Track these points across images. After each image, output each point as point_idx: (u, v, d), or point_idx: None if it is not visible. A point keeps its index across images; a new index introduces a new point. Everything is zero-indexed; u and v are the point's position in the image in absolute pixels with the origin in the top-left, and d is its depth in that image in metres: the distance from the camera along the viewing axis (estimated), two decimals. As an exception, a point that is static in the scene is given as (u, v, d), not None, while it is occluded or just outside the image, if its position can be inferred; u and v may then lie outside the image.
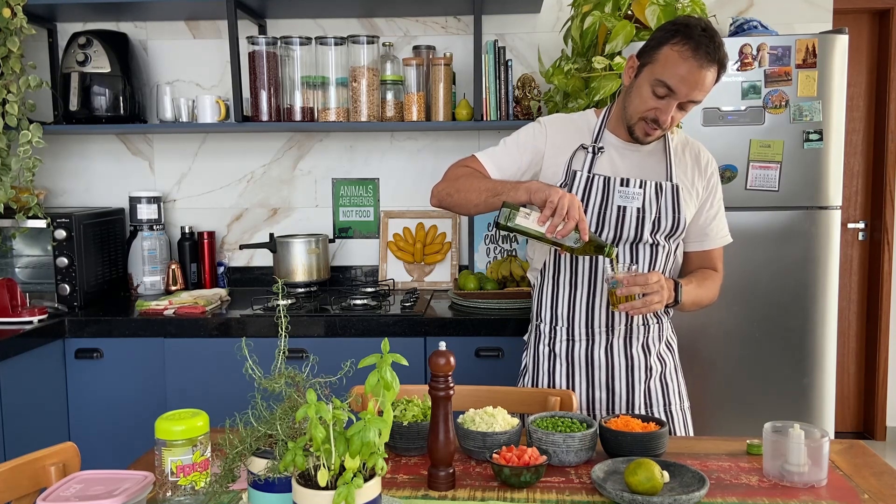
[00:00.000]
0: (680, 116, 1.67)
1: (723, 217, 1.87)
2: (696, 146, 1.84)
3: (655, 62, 1.62)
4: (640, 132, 1.70)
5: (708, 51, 1.57)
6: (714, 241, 1.86)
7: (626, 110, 1.71)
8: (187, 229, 3.02)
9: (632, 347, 1.78)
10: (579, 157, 1.76)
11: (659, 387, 1.80)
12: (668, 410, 1.80)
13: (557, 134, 1.79)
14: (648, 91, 1.64)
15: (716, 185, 1.83)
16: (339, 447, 1.02)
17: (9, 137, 2.52)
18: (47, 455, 1.35)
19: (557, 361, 1.82)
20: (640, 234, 1.73)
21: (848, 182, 3.97)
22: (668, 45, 1.61)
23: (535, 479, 1.30)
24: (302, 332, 2.46)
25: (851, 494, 1.29)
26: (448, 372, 1.30)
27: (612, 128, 1.79)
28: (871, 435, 4.02)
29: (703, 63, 1.58)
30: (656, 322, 1.80)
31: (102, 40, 2.80)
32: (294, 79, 2.81)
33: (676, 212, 1.74)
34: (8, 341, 2.26)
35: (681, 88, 1.60)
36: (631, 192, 1.72)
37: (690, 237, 1.84)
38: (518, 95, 2.81)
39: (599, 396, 1.78)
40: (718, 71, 1.62)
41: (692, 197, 1.78)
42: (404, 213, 3.08)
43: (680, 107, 1.64)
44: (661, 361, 1.82)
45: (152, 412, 1.59)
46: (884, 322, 3.92)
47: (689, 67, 1.58)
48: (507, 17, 2.97)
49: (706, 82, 1.61)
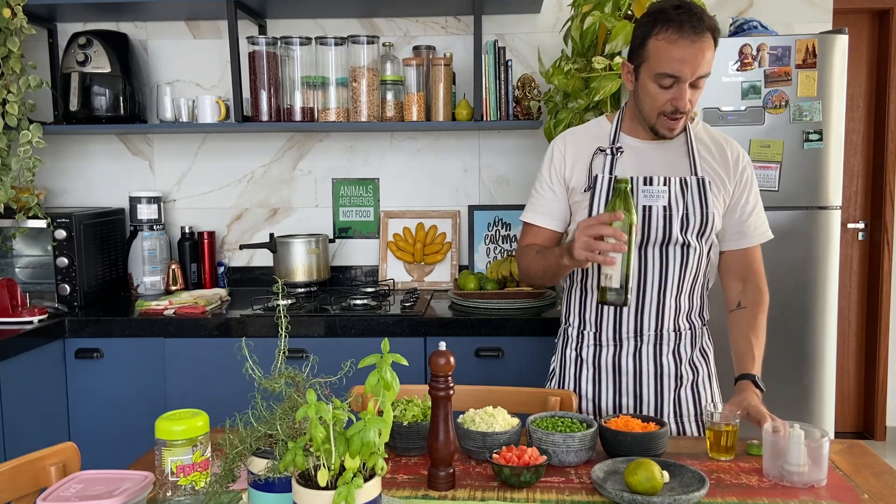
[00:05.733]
0: (697, 96, 1.62)
1: (761, 212, 1.76)
2: (722, 140, 1.75)
3: (648, 59, 1.59)
4: (663, 129, 1.64)
5: (692, 24, 1.53)
6: (753, 238, 1.74)
7: (642, 112, 1.67)
8: (187, 229, 3.02)
9: (662, 355, 1.71)
10: (598, 161, 1.71)
11: (690, 395, 1.73)
12: (700, 420, 1.73)
13: (573, 146, 1.76)
14: (655, 87, 1.60)
15: (750, 178, 1.73)
16: (339, 447, 1.02)
17: (9, 137, 2.52)
18: (47, 455, 1.35)
19: (584, 367, 1.77)
20: (668, 234, 1.65)
21: (848, 182, 3.97)
22: (651, 37, 1.58)
23: (535, 479, 1.30)
24: (302, 332, 2.46)
25: (851, 494, 1.29)
26: (448, 372, 1.30)
27: (627, 130, 1.74)
28: (871, 435, 4.02)
29: (693, 38, 1.54)
30: (688, 328, 1.74)
31: (102, 40, 2.80)
32: (294, 79, 2.81)
33: (704, 207, 1.66)
34: (8, 341, 2.26)
35: (683, 71, 1.55)
36: (655, 191, 1.65)
37: (727, 235, 1.75)
38: (518, 95, 2.81)
39: (626, 403, 1.73)
40: (713, 37, 1.57)
41: (720, 191, 1.70)
42: (404, 213, 3.08)
43: (692, 86, 1.58)
44: (693, 370, 1.74)
45: (152, 412, 1.59)
46: (884, 322, 3.92)
47: (681, 48, 1.54)
48: (507, 17, 2.97)
49: (705, 54, 1.56)
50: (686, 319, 1.73)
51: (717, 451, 1.45)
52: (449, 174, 3.07)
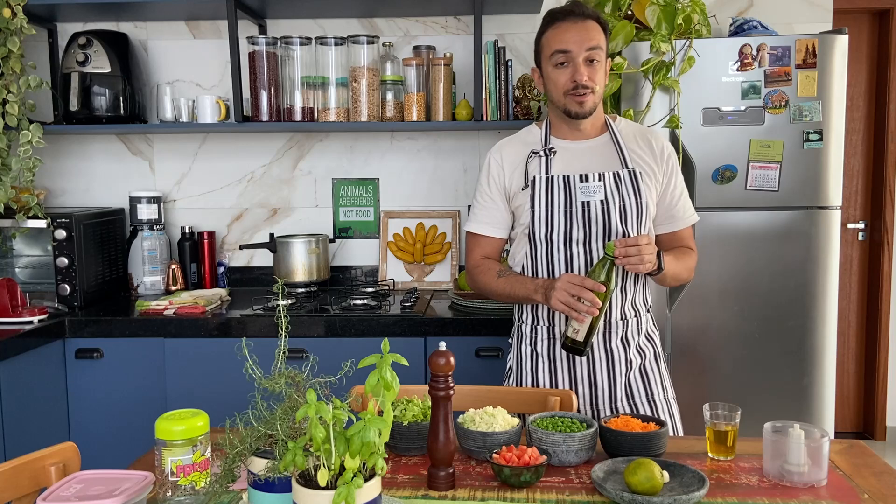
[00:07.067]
0: (597, 74, 1.75)
1: (687, 197, 1.90)
2: (646, 132, 1.88)
3: (542, 49, 1.79)
4: (573, 106, 1.76)
5: (574, 12, 1.73)
6: (682, 221, 1.88)
7: (553, 102, 1.81)
8: (187, 229, 3.02)
9: (611, 342, 1.80)
10: (534, 163, 1.83)
11: (639, 378, 1.83)
12: (650, 399, 1.82)
13: (509, 155, 1.87)
14: (554, 71, 1.76)
15: (674, 167, 1.86)
16: (339, 447, 1.02)
17: (9, 137, 2.52)
18: (47, 455, 1.35)
19: (540, 360, 1.85)
20: (608, 226, 1.76)
21: (848, 182, 3.97)
22: (544, 34, 1.78)
23: (535, 479, 1.30)
24: (302, 332, 2.46)
25: (851, 494, 1.29)
26: (448, 372, 1.31)
27: (555, 133, 1.87)
28: (871, 435, 4.02)
29: (575, 20, 1.73)
30: (634, 316, 1.83)
31: (102, 40, 2.80)
32: (294, 79, 2.81)
33: (638, 196, 1.78)
34: (8, 341, 2.26)
35: (569, 45, 1.72)
36: (591, 186, 1.77)
37: (659, 220, 1.87)
38: (518, 95, 2.81)
39: (583, 391, 1.81)
40: (598, 22, 1.75)
41: (651, 180, 1.82)
42: (404, 213, 3.08)
43: (588, 63, 1.73)
44: (640, 353, 1.84)
45: (152, 412, 1.59)
46: (884, 322, 3.92)
47: (565, 29, 1.73)
48: (507, 17, 2.97)
49: (589, 31, 1.73)
50: (631, 306, 1.83)
51: (717, 451, 1.45)
52: (449, 174, 3.07)
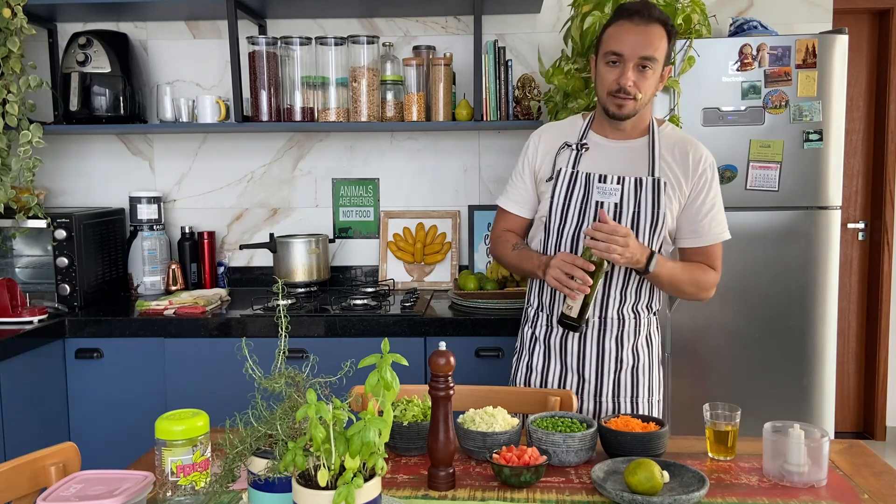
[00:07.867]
0: (646, 82, 1.71)
1: (718, 214, 1.82)
2: (687, 143, 1.82)
3: (602, 44, 1.75)
4: (612, 107, 1.74)
5: (641, 14, 1.69)
6: (707, 237, 1.82)
7: (598, 98, 1.79)
8: (187, 229, 3.02)
9: (605, 339, 1.81)
10: (563, 155, 1.83)
11: (629, 379, 1.83)
12: (633, 401, 1.83)
13: (546, 139, 1.88)
14: (604, 68, 1.74)
15: (708, 181, 1.80)
16: (339, 447, 1.02)
17: (9, 137, 2.52)
18: (47, 455, 1.35)
19: (537, 344, 1.89)
20: None
21: (848, 182, 3.96)
22: (608, 28, 1.75)
23: (535, 479, 1.30)
24: (302, 332, 2.46)
25: (851, 494, 1.29)
26: (448, 372, 1.31)
27: (596, 128, 1.85)
28: (871, 435, 4.02)
29: (640, 23, 1.69)
30: (633, 318, 1.82)
31: (102, 40, 2.80)
32: (294, 79, 2.81)
33: (656, 207, 1.75)
34: (8, 341, 2.26)
35: (625, 49, 1.69)
36: (608, 188, 1.76)
37: (683, 233, 1.83)
38: (518, 95, 2.81)
39: (571, 380, 1.85)
40: (664, 28, 1.71)
41: (675, 192, 1.77)
42: (404, 213, 3.08)
43: (640, 69, 1.70)
44: (634, 356, 1.83)
45: (152, 412, 1.59)
46: (884, 322, 3.92)
47: (628, 30, 1.69)
48: (507, 17, 2.97)
49: (650, 37, 1.69)
50: (631, 309, 1.82)
51: (717, 451, 1.45)
52: (449, 174, 3.07)
